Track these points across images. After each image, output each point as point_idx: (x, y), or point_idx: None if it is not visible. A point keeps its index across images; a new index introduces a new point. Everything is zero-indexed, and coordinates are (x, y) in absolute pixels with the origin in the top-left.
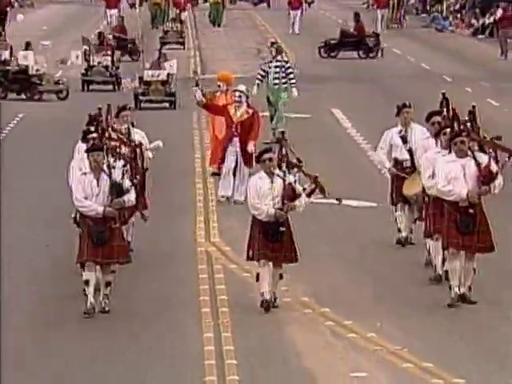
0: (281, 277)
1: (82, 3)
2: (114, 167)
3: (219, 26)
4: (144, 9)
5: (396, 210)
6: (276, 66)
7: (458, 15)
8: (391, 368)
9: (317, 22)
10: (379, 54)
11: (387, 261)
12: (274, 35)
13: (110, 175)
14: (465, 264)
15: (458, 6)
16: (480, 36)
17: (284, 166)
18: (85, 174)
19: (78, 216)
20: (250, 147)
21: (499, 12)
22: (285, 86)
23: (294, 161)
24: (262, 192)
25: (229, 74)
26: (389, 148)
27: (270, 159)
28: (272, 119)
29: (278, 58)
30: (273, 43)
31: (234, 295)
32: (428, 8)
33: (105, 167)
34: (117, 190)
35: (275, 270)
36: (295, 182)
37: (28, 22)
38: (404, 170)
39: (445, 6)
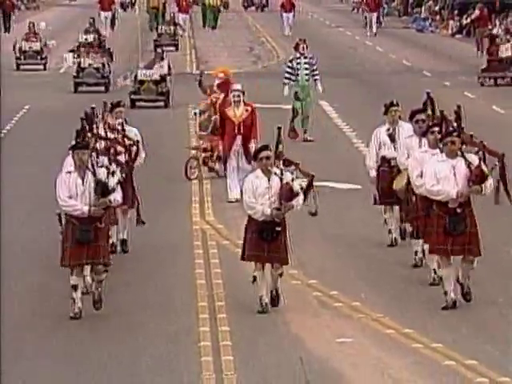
0: (281, 275)
1: (86, 6)
2: (102, 166)
3: (214, 28)
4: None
5: (385, 212)
6: (305, 63)
7: (438, 16)
8: (374, 334)
9: (306, 24)
10: None
11: (371, 238)
12: (264, 35)
13: (94, 174)
14: (464, 265)
15: (437, 8)
16: (458, 35)
17: (281, 163)
18: (69, 172)
19: (61, 214)
20: (252, 145)
21: (476, 13)
22: (315, 82)
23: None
24: (259, 191)
25: (228, 69)
26: (378, 148)
27: (268, 157)
28: (294, 114)
29: (306, 54)
30: (302, 40)
31: (227, 268)
32: (409, 10)
33: (89, 165)
34: (102, 189)
35: (273, 270)
36: (293, 180)
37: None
38: (392, 169)
39: (424, 8)
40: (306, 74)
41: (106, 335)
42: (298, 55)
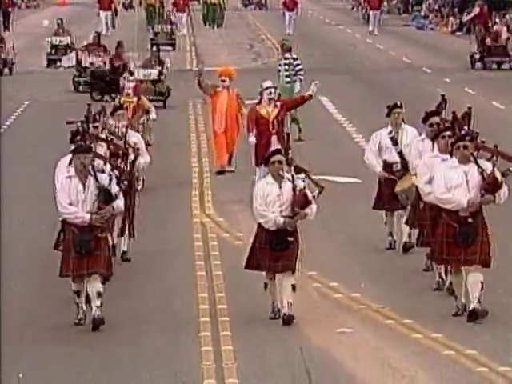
0: (293, 288)
1: (86, 5)
2: (102, 170)
3: (218, 26)
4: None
5: (386, 215)
6: (285, 64)
7: (438, 14)
8: (374, 325)
9: (306, 22)
10: None
11: (371, 230)
12: (264, 33)
13: (97, 179)
14: (470, 277)
15: (437, 6)
16: (458, 33)
17: (292, 170)
18: (70, 177)
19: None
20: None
21: (476, 10)
22: (295, 83)
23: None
24: (270, 198)
25: (231, 68)
26: (378, 149)
27: (280, 161)
28: None
29: (286, 55)
30: (281, 40)
31: (227, 260)
32: (409, 8)
33: (91, 171)
34: (104, 196)
35: (286, 281)
36: (304, 187)
37: (34, 21)
38: (394, 173)
39: (424, 5)
40: (286, 76)
41: (106, 334)
42: (281, 57)
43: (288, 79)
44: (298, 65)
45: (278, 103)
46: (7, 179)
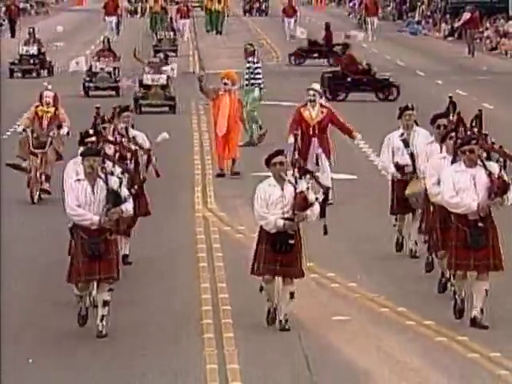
0: (291, 296)
1: (93, 11)
2: (111, 173)
3: (220, 33)
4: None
5: (397, 220)
6: (247, 68)
7: (430, 20)
8: (370, 312)
9: (304, 27)
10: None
11: (368, 224)
12: (264, 37)
13: (106, 182)
14: (476, 285)
15: (429, 12)
16: (450, 38)
17: (295, 171)
18: (79, 180)
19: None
20: (357, 138)
21: (467, 16)
22: (253, 87)
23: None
24: (271, 201)
25: (234, 73)
26: (391, 152)
27: (281, 163)
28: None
29: (249, 59)
30: (245, 44)
31: (228, 252)
32: (403, 15)
33: (101, 173)
34: (114, 198)
35: (284, 286)
36: (308, 189)
37: (43, 26)
38: (405, 175)
39: (418, 12)
40: (246, 79)
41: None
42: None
43: (246, 82)
44: (256, 68)
45: (325, 110)
46: (7, 179)
